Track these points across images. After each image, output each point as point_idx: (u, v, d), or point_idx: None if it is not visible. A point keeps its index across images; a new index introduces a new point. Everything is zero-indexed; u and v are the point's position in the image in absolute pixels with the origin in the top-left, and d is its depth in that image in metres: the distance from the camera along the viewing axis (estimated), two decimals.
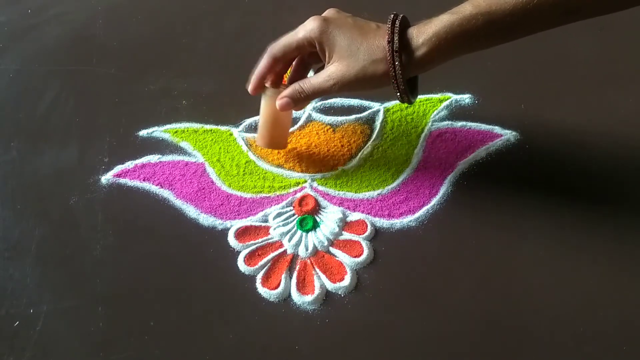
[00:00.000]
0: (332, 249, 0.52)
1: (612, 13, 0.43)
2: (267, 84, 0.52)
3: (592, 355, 0.45)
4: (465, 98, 0.61)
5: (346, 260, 0.51)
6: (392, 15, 0.46)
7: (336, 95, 0.61)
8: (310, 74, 0.54)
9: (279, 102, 0.50)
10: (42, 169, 0.58)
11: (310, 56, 0.52)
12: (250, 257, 0.51)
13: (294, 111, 0.57)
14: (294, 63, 0.52)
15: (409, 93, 0.47)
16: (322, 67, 0.50)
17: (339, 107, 0.61)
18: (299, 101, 0.50)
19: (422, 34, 0.45)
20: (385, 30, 0.46)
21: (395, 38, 0.45)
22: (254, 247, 0.52)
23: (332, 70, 0.47)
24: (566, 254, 0.50)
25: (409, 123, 0.59)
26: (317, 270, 0.51)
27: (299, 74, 0.53)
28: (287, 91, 0.50)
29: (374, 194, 0.55)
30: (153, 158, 0.58)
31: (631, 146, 0.56)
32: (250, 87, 0.52)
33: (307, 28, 0.48)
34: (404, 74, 0.46)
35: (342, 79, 0.47)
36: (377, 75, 0.46)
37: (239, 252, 0.52)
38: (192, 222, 0.54)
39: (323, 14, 0.49)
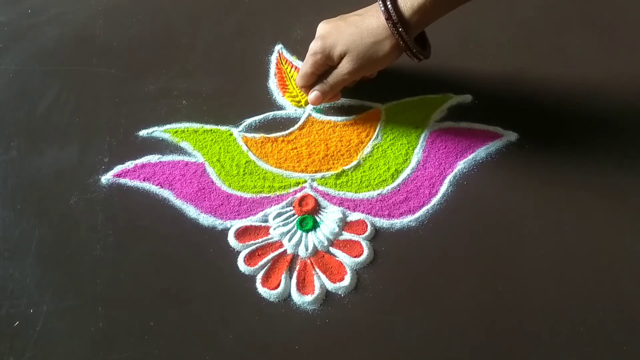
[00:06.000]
0: (332, 249, 0.52)
1: None
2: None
3: (592, 355, 0.45)
4: (466, 98, 0.61)
5: (346, 260, 0.51)
6: None
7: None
8: None
9: (310, 97, 0.56)
10: (42, 169, 0.58)
11: None
12: (250, 257, 0.51)
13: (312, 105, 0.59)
14: None
15: (422, 51, 0.53)
16: None
17: (339, 107, 0.61)
18: (327, 95, 0.56)
19: (409, 2, 0.49)
20: (372, 12, 0.51)
21: (393, 14, 0.49)
22: (254, 247, 0.52)
23: (344, 63, 0.53)
24: (566, 253, 0.50)
25: (409, 123, 0.59)
26: (317, 270, 0.51)
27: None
28: (316, 88, 0.56)
29: (374, 194, 0.55)
30: (153, 158, 0.58)
31: (631, 146, 0.56)
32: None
33: (314, 52, 0.53)
34: (411, 39, 0.51)
35: (357, 66, 0.52)
36: (388, 51, 0.51)
37: (239, 252, 0.52)
38: (192, 222, 0.54)
39: (318, 32, 0.55)
